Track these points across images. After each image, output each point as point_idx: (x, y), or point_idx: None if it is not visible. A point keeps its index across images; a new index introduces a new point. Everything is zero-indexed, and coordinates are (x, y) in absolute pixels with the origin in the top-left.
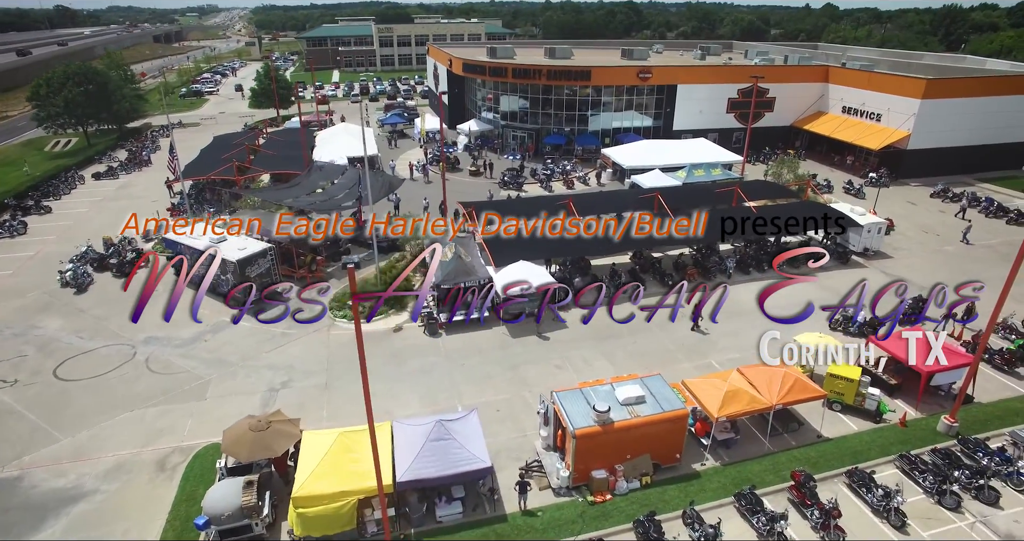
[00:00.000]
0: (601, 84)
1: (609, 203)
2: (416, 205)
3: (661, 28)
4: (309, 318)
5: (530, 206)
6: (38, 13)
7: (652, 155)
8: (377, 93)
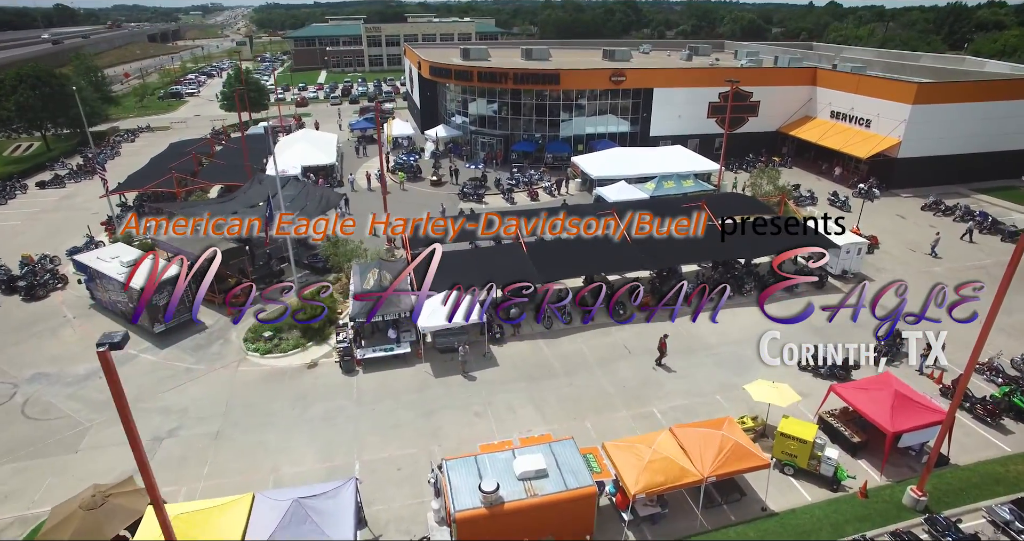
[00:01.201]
0: (571, 88)
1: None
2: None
3: (660, 27)
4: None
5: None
6: (36, 11)
7: (623, 164)
8: (358, 95)
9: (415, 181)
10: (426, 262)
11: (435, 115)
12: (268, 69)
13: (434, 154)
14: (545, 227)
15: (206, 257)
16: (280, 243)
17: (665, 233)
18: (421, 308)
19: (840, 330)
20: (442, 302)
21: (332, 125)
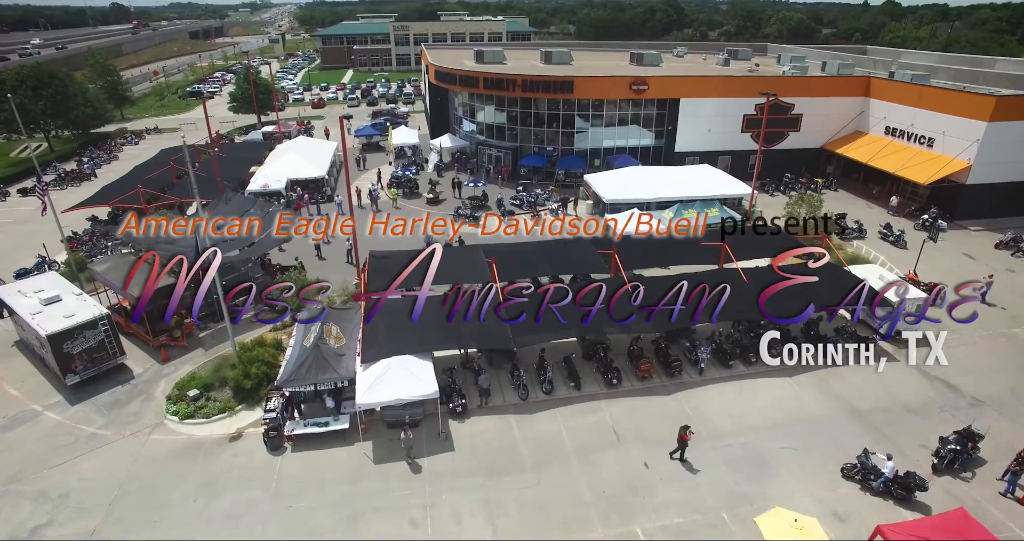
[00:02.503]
0: (586, 97)
1: (548, 262)
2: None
3: (703, 27)
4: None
5: (450, 264)
6: (94, 11)
7: (641, 186)
8: (377, 97)
9: (411, 197)
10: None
11: (445, 123)
12: (296, 67)
13: (438, 166)
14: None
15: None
16: (242, 272)
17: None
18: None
19: (891, 419)
20: (386, 373)
21: (335, 131)
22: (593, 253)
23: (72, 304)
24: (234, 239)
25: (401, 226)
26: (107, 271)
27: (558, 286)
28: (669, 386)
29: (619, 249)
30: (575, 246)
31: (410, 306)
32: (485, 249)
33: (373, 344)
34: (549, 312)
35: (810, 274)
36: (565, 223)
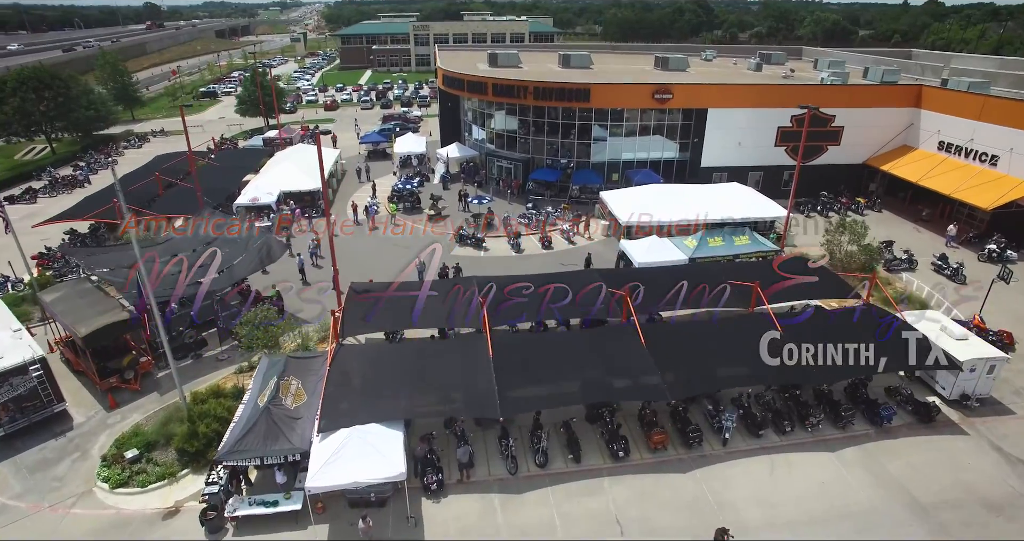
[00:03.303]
0: (604, 106)
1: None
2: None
3: (733, 28)
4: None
5: (437, 302)
6: (128, 10)
7: (663, 206)
8: (390, 99)
9: (412, 213)
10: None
11: (456, 130)
12: (315, 67)
13: (443, 178)
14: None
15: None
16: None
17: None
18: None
19: (964, 517)
20: (344, 448)
21: (350, 135)
22: (602, 294)
23: (2, 344)
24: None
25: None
26: (56, 302)
27: (558, 286)
28: (686, 460)
29: (632, 287)
30: (582, 282)
31: (384, 355)
32: (480, 281)
33: (334, 408)
34: (545, 368)
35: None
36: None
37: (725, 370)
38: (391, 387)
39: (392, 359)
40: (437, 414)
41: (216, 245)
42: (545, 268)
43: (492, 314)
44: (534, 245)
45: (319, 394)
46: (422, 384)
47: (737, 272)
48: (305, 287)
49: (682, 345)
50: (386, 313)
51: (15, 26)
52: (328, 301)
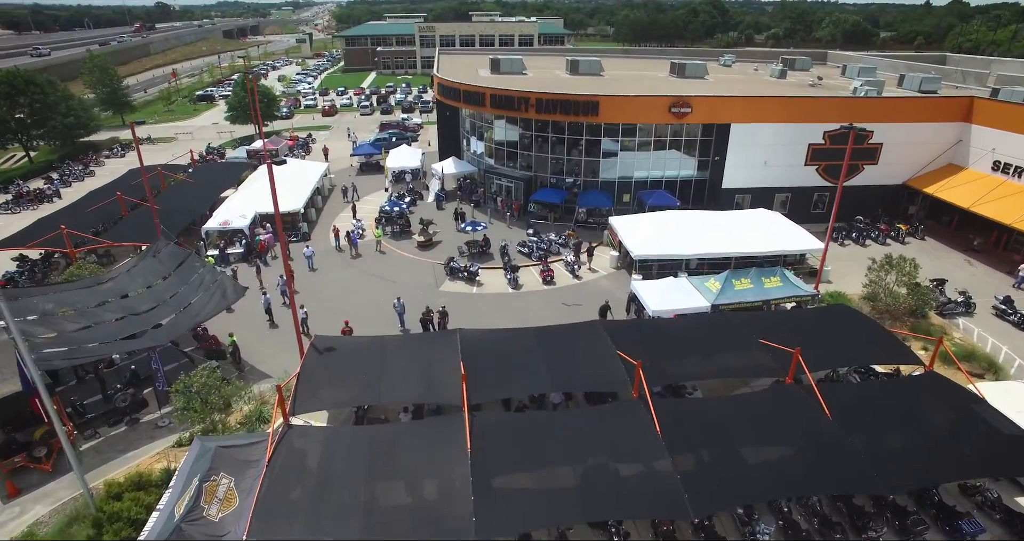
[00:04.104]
0: (615, 121)
1: (547, 367)
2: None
3: (749, 30)
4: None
5: (408, 367)
6: (139, 10)
7: (680, 236)
8: (391, 104)
9: (401, 238)
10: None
11: (455, 142)
12: (319, 69)
13: (438, 197)
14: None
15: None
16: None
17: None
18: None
19: None
20: None
21: (346, 144)
22: (611, 358)
23: None
24: (133, 319)
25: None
26: None
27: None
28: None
29: (646, 342)
30: (587, 338)
31: (340, 444)
32: (464, 337)
33: (267, 519)
34: (536, 464)
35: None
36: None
37: (763, 472)
38: (345, 487)
39: (349, 450)
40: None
41: (162, 287)
42: (546, 309)
43: (476, 384)
44: (534, 280)
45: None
46: (383, 485)
47: (770, 326)
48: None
49: (707, 435)
50: (351, 380)
51: (28, 26)
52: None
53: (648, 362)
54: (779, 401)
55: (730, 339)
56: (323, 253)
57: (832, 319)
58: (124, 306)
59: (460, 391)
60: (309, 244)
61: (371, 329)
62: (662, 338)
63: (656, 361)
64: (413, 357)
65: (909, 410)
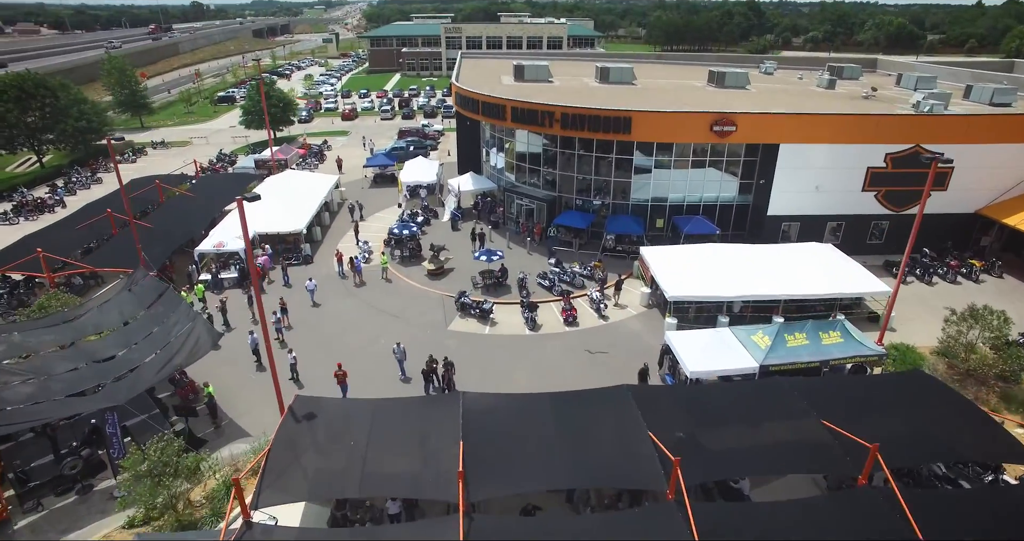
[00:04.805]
0: (649, 140)
1: (565, 454)
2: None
3: (786, 33)
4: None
5: (400, 450)
6: (176, 10)
7: (722, 273)
8: (413, 109)
9: (410, 263)
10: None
11: (475, 155)
12: (344, 70)
13: (454, 216)
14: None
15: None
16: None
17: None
18: None
19: None
20: None
21: (360, 153)
22: (643, 443)
23: None
24: (91, 370)
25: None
26: None
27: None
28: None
29: (683, 418)
30: (614, 412)
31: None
32: (468, 404)
33: None
34: None
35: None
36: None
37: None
38: None
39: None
40: None
41: (131, 329)
42: (567, 356)
43: (477, 475)
44: (555, 318)
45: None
46: None
47: (833, 399)
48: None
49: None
50: (329, 461)
51: (66, 26)
52: (287, 397)
53: (687, 448)
54: (855, 512)
55: (786, 418)
56: (324, 279)
57: (909, 392)
58: (85, 351)
59: (457, 485)
60: (312, 278)
61: (367, 375)
62: (703, 413)
63: (697, 445)
64: (406, 430)
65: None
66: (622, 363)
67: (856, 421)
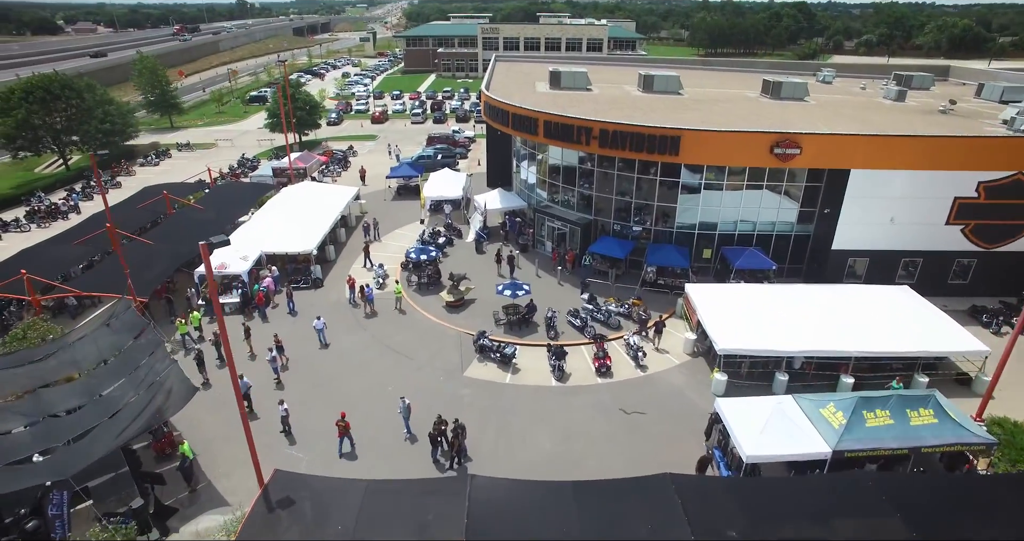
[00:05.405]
0: (700, 162)
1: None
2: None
3: (838, 36)
4: None
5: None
6: (221, 7)
7: (779, 322)
8: (445, 113)
9: (428, 292)
10: None
11: (506, 168)
12: (379, 69)
13: (480, 237)
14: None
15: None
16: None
17: None
18: None
19: None
20: None
21: (386, 161)
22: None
23: None
24: (44, 427)
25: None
26: None
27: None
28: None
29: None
30: (652, 513)
31: None
32: (475, 492)
33: None
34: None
35: None
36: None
37: None
38: None
39: None
40: None
41: (100, 375)
42: (597, 417)
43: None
44: (586, 366)
45: None
46: None
47: (934, 511)
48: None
49: None
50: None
51: (125, 24)
52: (276, 455)
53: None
54: None
55: (866, 526)
56: (334, 307)
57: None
58: (44, 402)
59: None
60: (320, 316)
61: (369, 430)
62: (761, 514)
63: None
64: (401, 520)
65: None
66: (662, 429)
67: (955, 532)
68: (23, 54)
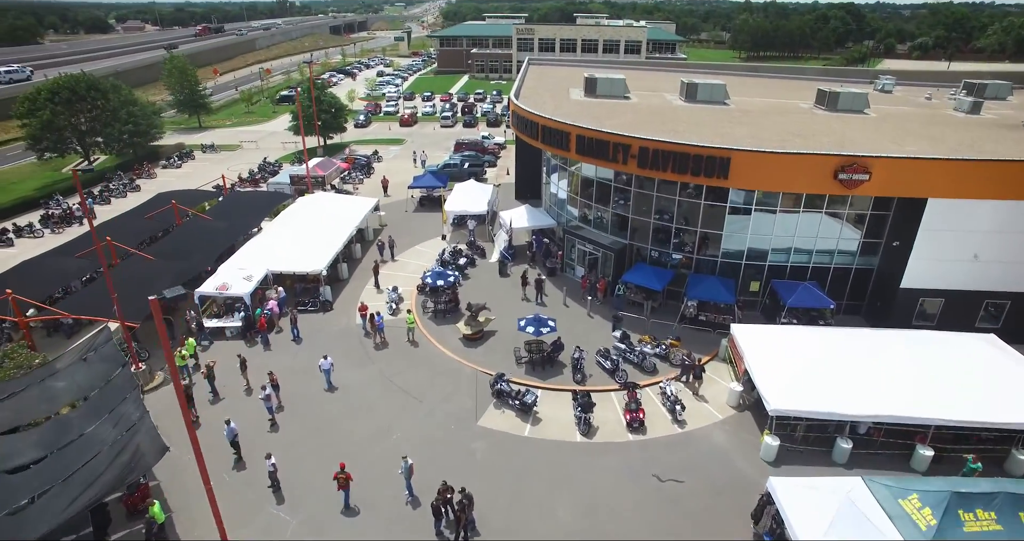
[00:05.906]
0: (752, 188)
1: None
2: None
3: (889, 39)
4: None
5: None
6: (263, 7)
7: (842, 376)
8: (475, 116)
9: (443, 321)
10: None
11: (537, 177)
12: (412, 69)
13: (504, 258)
14: None
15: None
16: None
17: None
18: None
19: None
20: None
21: (409, 167)
22: None
23: None
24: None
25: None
26: None
27: None
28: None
29: None
30: None
31: None
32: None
33: None
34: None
35: None
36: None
37: None
38: None
39: None
40: None
41: (65, 422)
42: (627, 485)
43: None
44: (615, 418)
45: None
46: None
47: None
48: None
49: None
50: None
51: (170, 23)
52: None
53: None
54: None
55: None
56: (342, 334)
57: None
58: (4, 449)
59: None
60: (328, 356)
61: (368, 488)
62: None
63: None
64: None
65: None
66: (702, 503)
67: None
68: (78, 52)
